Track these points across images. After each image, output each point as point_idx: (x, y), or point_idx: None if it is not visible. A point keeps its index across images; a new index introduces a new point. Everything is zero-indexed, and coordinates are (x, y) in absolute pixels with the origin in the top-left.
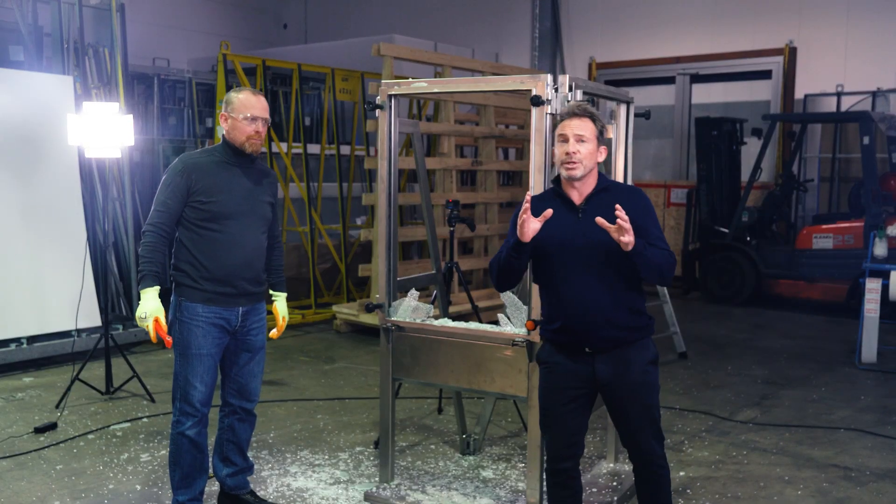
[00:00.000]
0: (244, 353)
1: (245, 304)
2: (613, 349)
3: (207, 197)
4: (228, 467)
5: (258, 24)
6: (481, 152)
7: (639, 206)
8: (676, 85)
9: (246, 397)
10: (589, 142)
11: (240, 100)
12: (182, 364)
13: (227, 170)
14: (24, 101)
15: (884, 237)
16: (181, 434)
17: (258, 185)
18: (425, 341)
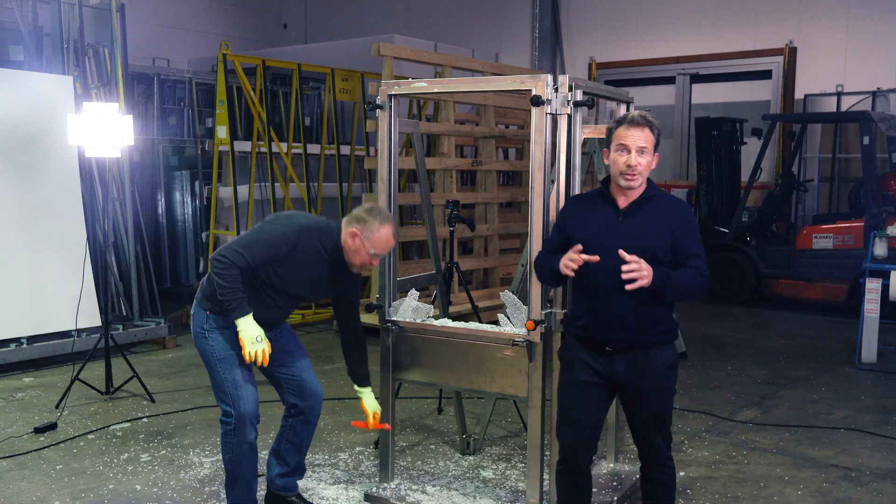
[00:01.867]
0: (280, 354)
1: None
2: (633, 350)
3: (284, 271)
4: (281, 467)
5: (258, 24)
6: (481, 152)
7: (678, 218)
8: (676, 85)
9: (306, 395)
10: (649, 153)
11: (380, 236)
12: (225, 369)
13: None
14: (24, 101)
15: (884, 237)
16: (243, 439)
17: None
18: (425, 341)
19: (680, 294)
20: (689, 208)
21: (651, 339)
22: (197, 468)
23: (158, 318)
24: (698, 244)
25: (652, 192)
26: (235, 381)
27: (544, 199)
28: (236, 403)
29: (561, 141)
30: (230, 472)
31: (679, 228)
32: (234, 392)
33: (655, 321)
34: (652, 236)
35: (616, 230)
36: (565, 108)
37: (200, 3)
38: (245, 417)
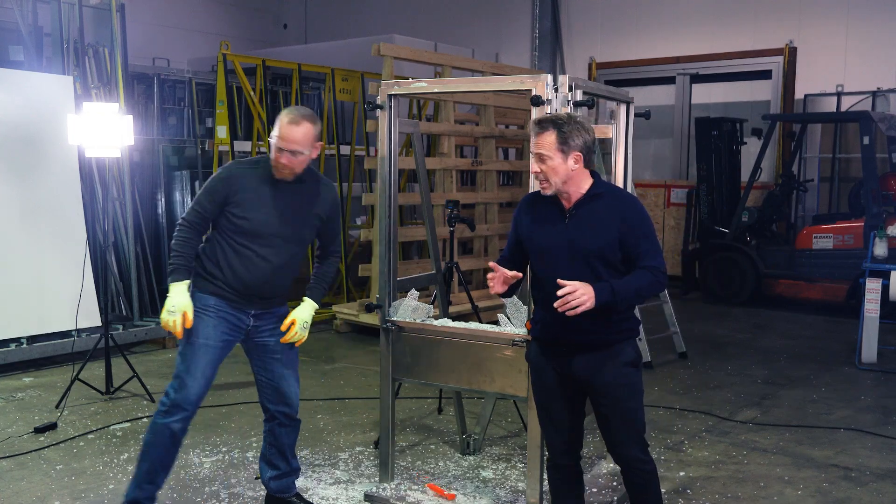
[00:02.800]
0: (264, 355)
1: (257, 308)
2: (589, 350)
3: (242, 212)
4: (272, 470)
5: (258, 24)
6: (481, 152)
7: (623, 216)
8: (676, 85)
9: (283, 401)
10: (550, 157)
11: (280, 122)
12: (187, 353)
13: (271, 187)
14: (24, 101)
15: (884, 237)
16: (167, 425)
17: (305, 204)
18: (425, 341)
19: (633, 300)
20: (637, 203)
21: (607, 337)
22: (197, 468)
23: (158, 318)
24: (648, 240)
25: (597, 189)
26: (189, 368)
27: None
28: (179, 389)
29: None
30: (142, 453)
31: (625, 227)
32: (183, 377)
33: (610, 320)
34: (596, 237)
35: (562, 233)
36: (565, 108)
37: (200, 3)
38: (180, 405)
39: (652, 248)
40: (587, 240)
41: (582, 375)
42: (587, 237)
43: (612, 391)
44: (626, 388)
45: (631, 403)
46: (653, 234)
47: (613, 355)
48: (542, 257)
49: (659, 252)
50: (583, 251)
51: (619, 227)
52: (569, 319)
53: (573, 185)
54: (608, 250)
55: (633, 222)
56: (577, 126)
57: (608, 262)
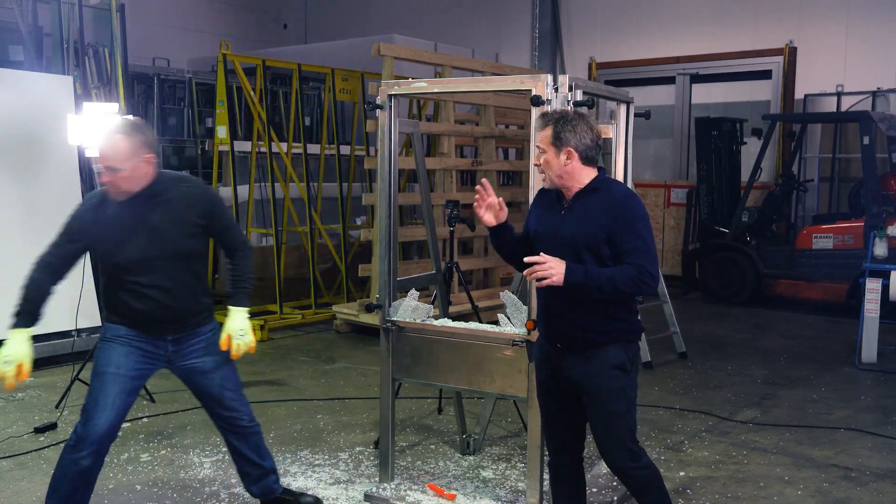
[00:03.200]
0: (197, 376)
1: (172, 333)
2: (580, 349)
3: (106, 248)
4: (246, 478)
5: (258, 24)
6: (481, 152)
7: (613, 211)
8: (676, 85)
9: (227, 416)
10: (545, 151)
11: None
12: (95, 384)
13: (126, 212)
14: (24, 101)
15: (884, 237)
16: (74, 462)
17: (168, 214)
18: (425, 341)
19: (606, 291)
20: (632, 198)
21: (597, 337)
22: (197, 468)
23: None
24: (638, 237)
25: (595, 184)
26: (97, 400)
27: None
28: (85, 423)
29: None
30: (50, 489)
31: (612, 220)
32: (90, 410)
33: (602, 319)
34: (586, 230)
35: (556, 224)
36: (566, 108)
37: (200, 3)
38: (86, 440)
39: (641, 247)
40: (576, 231)
41: (571, 375)
42: (576, 229)
43: (596, 394)
44: (611, 393)
45: (615, 408)
46: (645, 233)
47: (601, 357)
48: (538, 247)
49: (649, 254)
50: (571, 242)
51: (606, 220)
52: (560, 313)
53: (571, 180)
54: (595, 242)
55: (621, 217)
56: (573, 124)
57: (597, 255)
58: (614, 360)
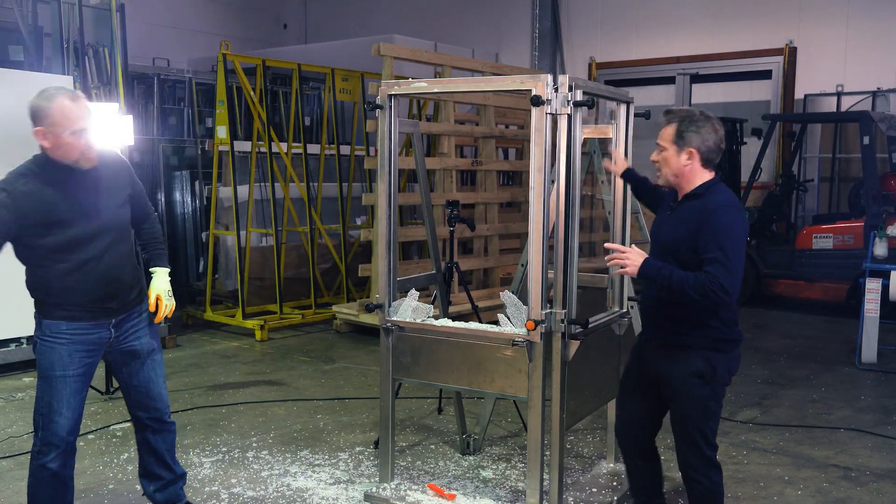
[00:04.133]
0: (132, 361)
1: (116, 314)
2: (662, 347)
3: (45, 230)
4: (154, 482)
5: (258, 24)
6: (481, 152)
7: (701, 220)
8: (676, 85)
9: (151, 407)
10: (665, 149)
11: (58, 110)
12: (45, 389)
13: (59, 189)
14: (24, 101)
15: (884, 237)
16: (42, 466)
17: (103, 189)
18: (425, 341)
19: (674, 292)
20: (724, 210)
21: (678, 340)
22: (197, 468)
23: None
24: (720, 248)
25: (701, 189)
26: (51, 405)
27: (544, 199)
28: (45, 427)
29: (561, 141)
30: (28, 497)
31: (700, 230)
32: (47, 414)
33: (687, 320)
34: (676, 235)
35: (661, 223)
36: (565, 108)
37: (200, 3)
38: (51, 443)
39: (720, 258)
40: (669, 235)
41: (654, 370)
42: (670, 232)
43: (672, 395)
44: (685, 397)
45: (687, 411)
46: (727, 246)
47: (682, 360)
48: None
49: (727, 267)
50: (664, 245)
51: (695, 227)
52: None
53: (685, 182)
54: (679, 249)
55: (707, 226)
56: (699, 124)
57: (681, 259)
58: (693, 366)
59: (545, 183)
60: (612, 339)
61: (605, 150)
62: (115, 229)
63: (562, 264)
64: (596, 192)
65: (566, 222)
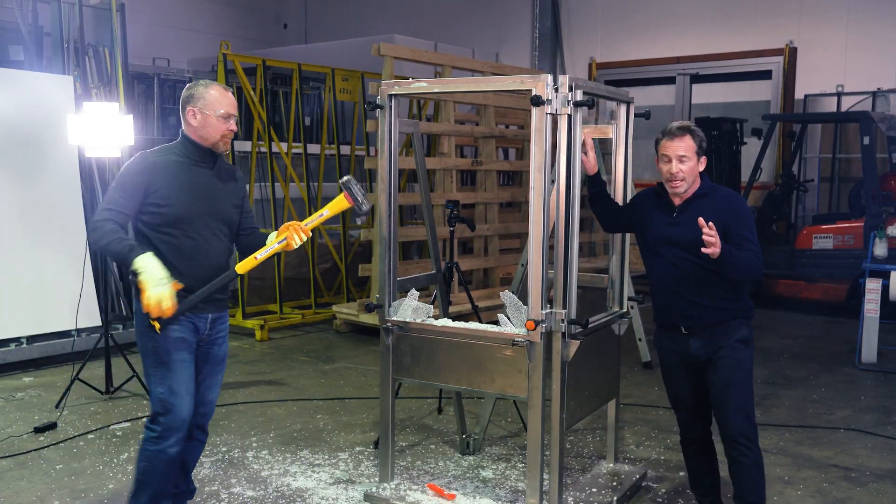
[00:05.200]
0: (207, 365)
1: (213, 310)
2: (703, 329)
3: (166, 201)
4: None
5: (258, 24)
6: (481, 152)
7: (730, 210)
8: (676, 85)
9: (199, 412)
10: (690, 159)
11: (212, 95)
12: (162, 375)
13: (190, 170)
14: (24, 100)
15: (884, 237)
16: (162, 451)
17: (224, 185)
18: (425, 341)
19: (741, 271)
20: (741, 199)
21: (719, 317)
22: (196, 468)
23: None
24: (750, 231)
25: (704, 190)
26: (171, 388)
27: (544, 199)
28: (167, 411)
29: (561, 141)
30: (139, 483)
31: (730, 218)
32: (168, 399)
33: (715, 301)
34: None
35: (672, 227)
36: (565, 108)
37: (200, 3)
38: (172, 427)
39: (752, 239)
40: (691, 234)
41: (698, 353)
42: (692, 232)
43: (723, 364)
44: (731, 361)
45: (734, 376)
46: (753, 228)
47: (725, 331)
48: (652, 249)
49: (758, 245)
50: (686, 243)
51: (725, 219)
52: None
53: (691, 186)
54: None
55: (738, 216)
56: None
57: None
58: (737, 333)
59: (545, 183)
60: (612, 339)
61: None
62: (224, 222)
63: (562, 264)
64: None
65: (566, 222)
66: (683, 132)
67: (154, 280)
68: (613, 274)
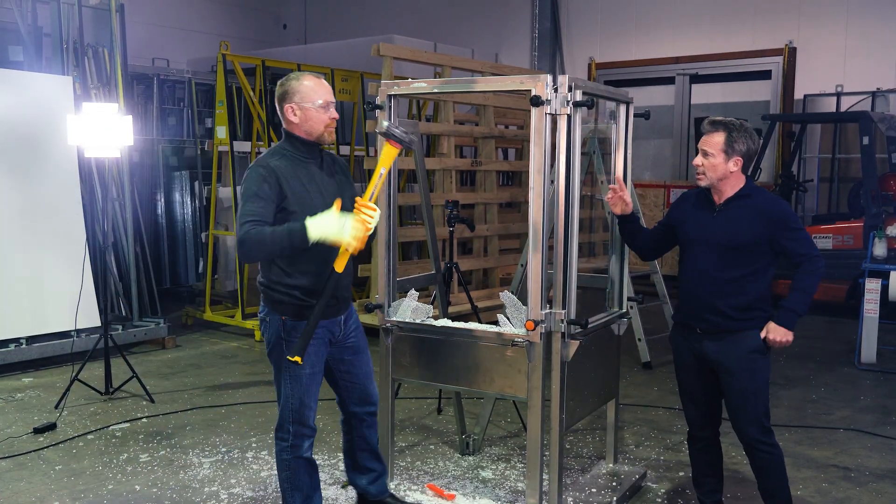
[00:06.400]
0: (353, 357)
1: (344, 309)
2: (718, 332)
3: (294, 206)
4: (367, 474)
5: (258, 24)
6: (481, 152)
7: (773, 212)
8: (676, 85)
9: (368, 401)
10: (713, 155)
11: (307, 87)
12: (295, 386)
13: (305, 168)
14: (23, 101)
15: (883, 237)
16: (299, 458)
17: (337, 176)
18: (425, 341)
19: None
20: (784, 203)
21: (737, 324)
22: (196, 468)
23: (158, 319)
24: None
25: (747, 191)
26: (302, 400)
27: (544, 199)
28: (297, 421)
29: (560, 141)
30: (288, 493)
31: (772, 225)
32: (299, 409)
33: (744, 307)
34: (742, 230)
35: (710, 226)
36: (565, 108)
37: (200, 3)
38: (304, 434)
39: (801, 238)
40: (731, 235)
41: (713, 357)
42: (731, 232)
43: (734, 373)
44: (748, 372)
45: (751, 386)
46: (798, 225)
47: (741, 340)
48: (688, 246)
49: (806, 239)
50: (722, 243)
51: (765, 225)
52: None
53: (728, 185)
54: (746, 244)
55: (779, 220)
56: (744, 133)
57: (744, 252)
58: (755, 343)
59: (545, 183)
60: (612, 340)
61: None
62: None
63: (561, 264)
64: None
65: (566, 222)
66: (715, 128)
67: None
68: (613, 274)
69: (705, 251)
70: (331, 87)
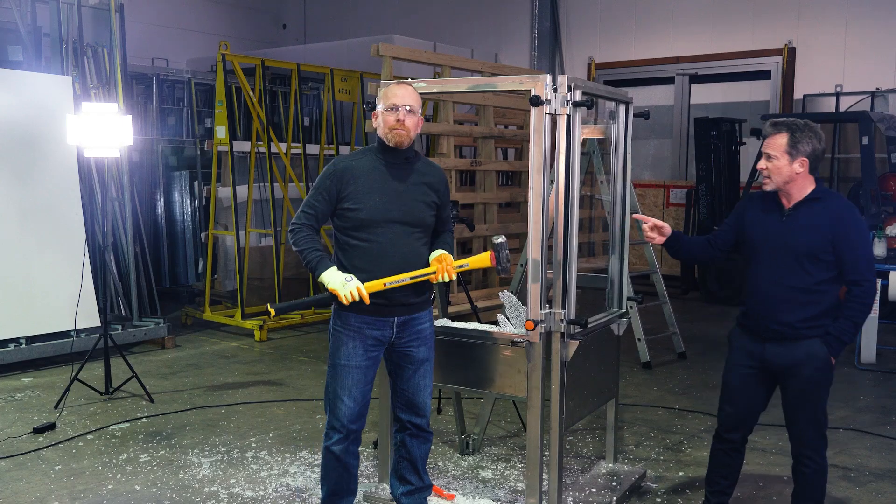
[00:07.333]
0: (407, 367)
1: (400, 314)
2: (783, 341)
3: (354, 204)
4: (404, 486)
5: (258, 24)
6: (480, 152)
7: (840, 222)
8: (675, 85)
9: (414, 412)
10: (777, 158)
11: (383, 92)
12: (332, 376)
13: (382, 172)
14: (23, 101)
15: (883, 237)
16: (327, 448)
17: (414, 185)
18: None
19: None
20: (853, 210)
21: (802, 332)
22: (196, 468)
23: (157, 319)
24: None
25: (817, 195)
26: (335, 391)
27: (543, 199)
28: (330, 412)
29: (560, 141)
30: (321, 478)
31: (837, 233)
32: (332, 400)
33: (809, 317)
34: (808, 239)
35: (777, 230)
36: (564, 108)
37: (200, 3)
38: (334, 427)
39: (857, 257)
40: (799, 240)
41: (775, 364)
42: (800, 237)
43: (798, 380)
44: (814, 381)
45: (815, 394)
46: (862, 241)
47: (805, 349)
48: (756, 250)
49: (862, 260)
50: (794, 250)
51: (831, 231)
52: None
53: (795, 188)
54: (818, 251)
55: (844, 230)
56: (809, 133)
57: (817, 260)
58: (822, 351)
59: (544, 183)
60: (612, 340)
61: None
62: (413, 225)
63: (561, 264)
64: (595, 192)
65: (565, 222)
66: (778, 129)
67: (340, 283)
68: (613, 274)
69: (773, 257)
70: (411, 93)
